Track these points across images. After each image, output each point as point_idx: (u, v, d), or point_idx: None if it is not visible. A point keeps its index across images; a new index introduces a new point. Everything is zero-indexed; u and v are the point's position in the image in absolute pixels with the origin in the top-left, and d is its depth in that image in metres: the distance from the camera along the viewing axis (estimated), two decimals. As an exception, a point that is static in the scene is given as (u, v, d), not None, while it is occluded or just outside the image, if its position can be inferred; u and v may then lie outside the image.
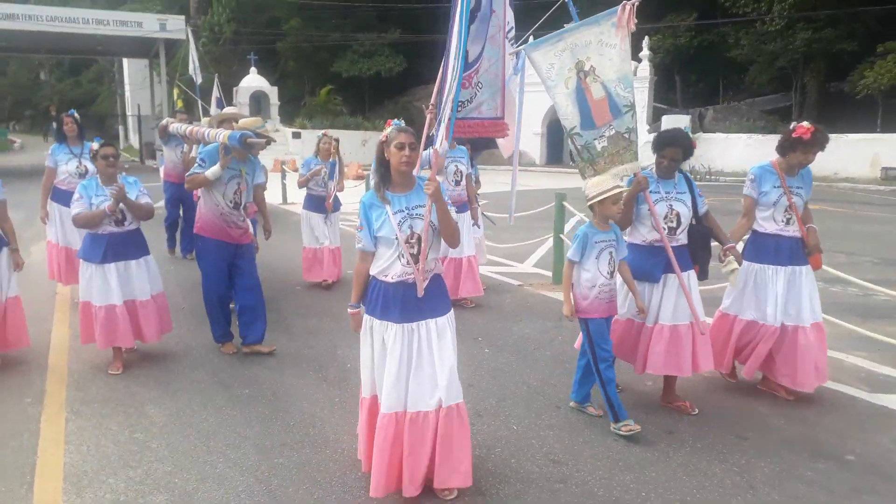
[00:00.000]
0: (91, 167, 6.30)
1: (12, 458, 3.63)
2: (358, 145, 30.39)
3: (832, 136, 20.28)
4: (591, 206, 3.94)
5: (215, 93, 19.45)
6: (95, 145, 4.85)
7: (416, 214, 3.09)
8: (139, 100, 38.49)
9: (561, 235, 7.73)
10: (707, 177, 24.30)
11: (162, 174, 9.26)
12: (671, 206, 4.15)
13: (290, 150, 28.65)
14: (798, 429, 4.00)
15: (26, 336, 5.11)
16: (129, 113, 45.53)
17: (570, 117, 4.07)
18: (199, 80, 18.30)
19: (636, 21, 3.89)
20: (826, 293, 6.65)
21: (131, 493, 3.27)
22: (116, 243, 4.83)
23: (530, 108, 33.09)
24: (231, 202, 5.03)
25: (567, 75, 4.02)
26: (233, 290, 5.36)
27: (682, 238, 4.20)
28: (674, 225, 4.15)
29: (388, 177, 3.12)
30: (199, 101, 19.14)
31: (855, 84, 25.22)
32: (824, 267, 4.75)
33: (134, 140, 40.53)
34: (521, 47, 4.44)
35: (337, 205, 7.72)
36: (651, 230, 4.16)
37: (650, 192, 4.14)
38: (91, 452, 3.69)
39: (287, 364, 5.11)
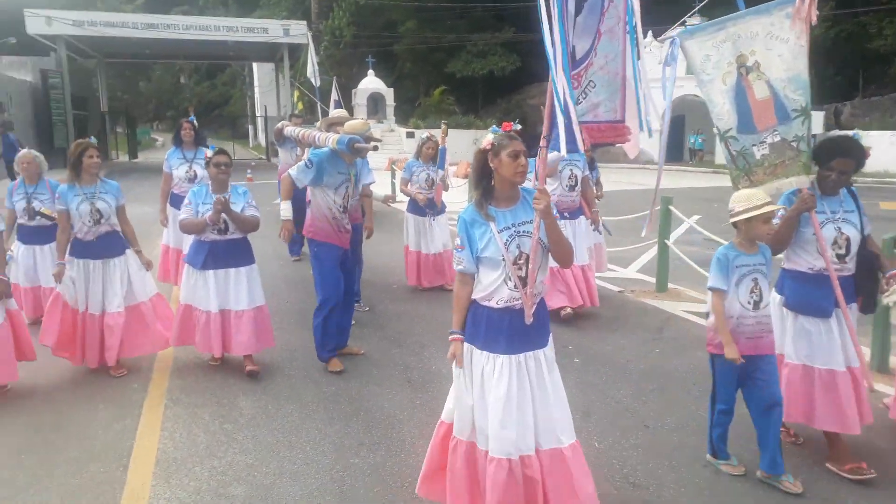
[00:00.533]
0: (201, 171, 6.57)
1: (113, 441, 3.89)
2: (469, 144, 30.54)
3: None
4: (735, 224, 3.39)
5: (333, 95, 20.20)
6: (209, 153, 4.87)
7: (524, 232, 2.77)
8: (267, 101, 40.63)
9: (666, 241, 7.38)
10: (841, 178, 22.45)
11: (278, 176, 9.32)
12: (839, 228, 3.51)
13: (403, 149, 29.22)
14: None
15: (162, 341, 5.09)
16: (258, 114, 48.13)
17: (725, 118, 3.58)
18: (317, 82, 19.00)
19: (818, 13, 3.33)
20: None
21: (213, 483, 3.41)
22: (218, 251, 4.81)
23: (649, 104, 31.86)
24: (341, 206, 4.93)
25: (726, 70, 3.54)
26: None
27: (850, 266, 3.56)
28: (843, 252, 3.52)
29: (491, 190, 2.80)
30: (319, 104, 19.95)
31: None
32: None
33: (262, 139, 42.75)
34: (673, 34, 3.85)
35: (441, 208, 7.44)
36: (818, 257, 3.51)
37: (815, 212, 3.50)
38: (183, 440, 3.90)
39: (374, 364, 5.18)
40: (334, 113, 6.07)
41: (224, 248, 4.83)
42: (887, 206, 15.37)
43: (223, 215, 4.69)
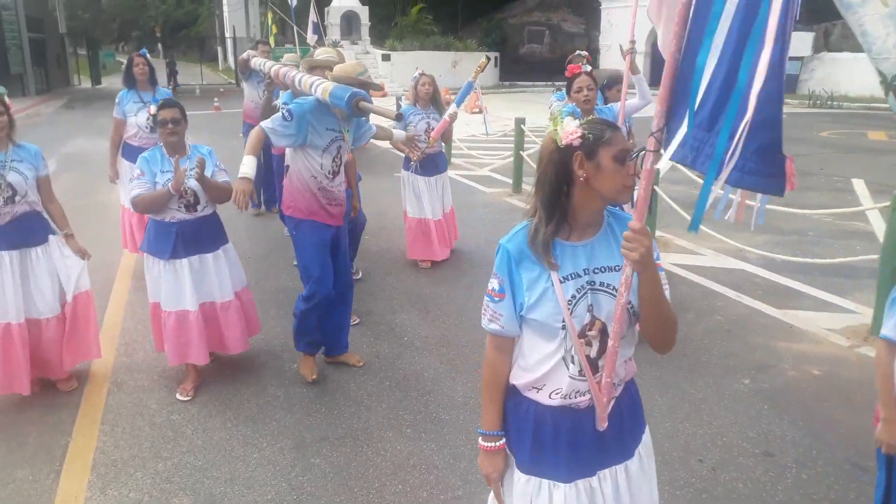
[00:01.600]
0: None
1: (47, 439, 3.49)
2: (448, 68, 29.42)
3: None
4: None
5: (312, 17, 18.46)
6: (153, 108, 3.80)
7: (603, 285, 1.71)
8: (236, 21, 38.75)
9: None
10: (828, 102, 22.00)
11: (242, 115, 8.17)
12: None
13: (379, 73, 28.09)
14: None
15: (97, 346, 4.12)
16: (227, 35, 46.05)
17: (891, 55, 2.51)
18: (293, 1, 17.42)
19: None
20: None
21: (156, 493, 3.05)
22: (188, 234, 3.78)
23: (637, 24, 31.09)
24: (330, 172, 3.86)
25: None
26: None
27: None
28: None
29: (566, 216, 1.70)
30: (294, 27, 18.42)
31: None
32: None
33: (232, 62, 41.02)
34: None
35: (443, 163, 6.26)
36: None
37: None
38: (125, 436, 3.51)
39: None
40: (321, 53, 4.76)
41: (196, 229, 3.81)
42: (875, 135, 14.99)
43: (192, 183, 3.68)
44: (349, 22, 30.52)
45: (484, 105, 6.04)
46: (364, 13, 30.66)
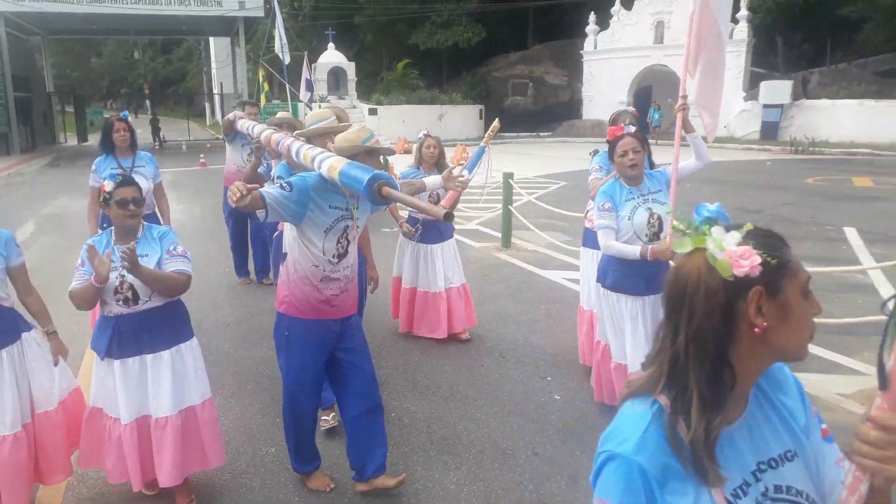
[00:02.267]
0: (145, 184, 5.03)
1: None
2: (434, 120, 29.68)
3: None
4: None
5: (305, 73, 17.93)
6: (108, 185, 3.14)
7: (788, 492, 1.18)
8: (224, 77, 39.17)
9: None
10: (810, 149, 22.23)
11: (224, 178, 7.45)
12: None
13: (366, 126, 28.26)
14: None
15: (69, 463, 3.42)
16: (214, 91, 46.51)
17: None
18: (286, 59, 16.61)
19: None
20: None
21: None
22: (125, 330, 3.10)
23: (616, 76, 31.48)
24: (335, 256, 3.17)
25: None
26: (332, 393, 3.62)
27: None
28: None
29: (727, 391, 1.13)
30: (287, 85, 18.08)
31: None
32: None
33: (220, 117, 41.34)
34: None
35: (448, 229, 5.57)
36: None
37: None
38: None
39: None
40: (322, 119, 4.03)
41: (135, 326, 3.11)
42: (861, 181, 15.05)
43: (125, 275, 3.02)
44: (336, 77, 30.90)
45: (487, 149, 5.36)
46: (351, 69, 31.07)
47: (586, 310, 4.76)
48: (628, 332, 3.69)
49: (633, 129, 3.82)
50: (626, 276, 3.69)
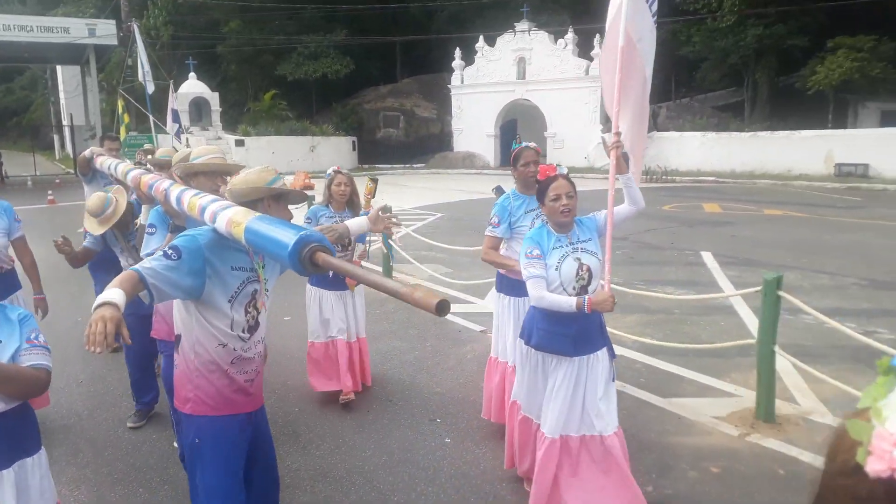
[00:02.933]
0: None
1: None
2: (305, 151, 29.21)
3: (784, 132, 20.27)
4: None
5: (171, 104, 16.13)
6: None
7: None
8: (74, 107, 36.52)
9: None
10: (664, 177, 23.89)
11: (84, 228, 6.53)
12: None
13: (234, 158, 27.29)
14: None
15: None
16: (63, 122, 43.27)
17: None
18: (150, 87, 15.22)
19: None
20: (823, 332, 5.97)
21: None
22: None
23: (483, 110, 32.44)
24: (245, 329, 2.55)
25: None
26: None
27: None
28: None
29: None
30: (151, 117, 16.87)
31: (806, 80, 25.19)
32: (814, 294, 3.79)
33: (70, 149, 38.42)
34: None
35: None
36: None
37: None
38: None
39: None
40: (206, 153, 3.41)
41: None
42: (710, 207, 16.28)
43: None
44: (199, 108, 29.71)
45: (368, 193, 4.65)
46: (214, 99, 29.99)
47: (501, 361, 4.29)
48: (547, 391, 3.32)
49: (565, 170, 3.37)
50: (553, 335, 3.24)
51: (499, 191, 4.53)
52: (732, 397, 4.85)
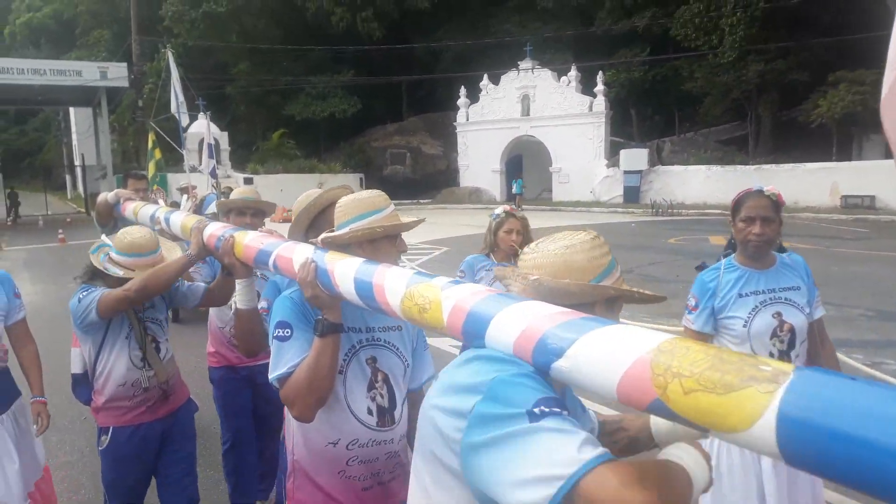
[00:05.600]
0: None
1: None
2: (314, 187, 29.46)
3: (789, 165, 20.18)
4: None
5: (207, 138, 14.17)
6: None
7: None
8: (86, 148, 37.15)
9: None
10: (669, 211, 23.97)
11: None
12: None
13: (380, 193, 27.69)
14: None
15: None
16: (76, 163, 44.00)
17: None
18: (185, 120, 14.31)
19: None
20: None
21: None
22: None
23: (489, 146, 32.64)
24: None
25: None
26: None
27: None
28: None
29: None
30: (184, 153, 15.92)
31: (809, 113, 25.39)
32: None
33: (82, 189, 38.96)
34: None
35: None
36: None
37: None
38: None
39: None
40: (237, 190, 3.33)
41: None
42: (717, 240, 16.29)
43: None
44: (208, 147, 30.11)
45: None
46: (224, 138, 30.46)
47: None
48: None
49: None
50: None
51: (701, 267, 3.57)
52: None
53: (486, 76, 30.73)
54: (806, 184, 23.36)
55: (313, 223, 2.27)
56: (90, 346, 2.86)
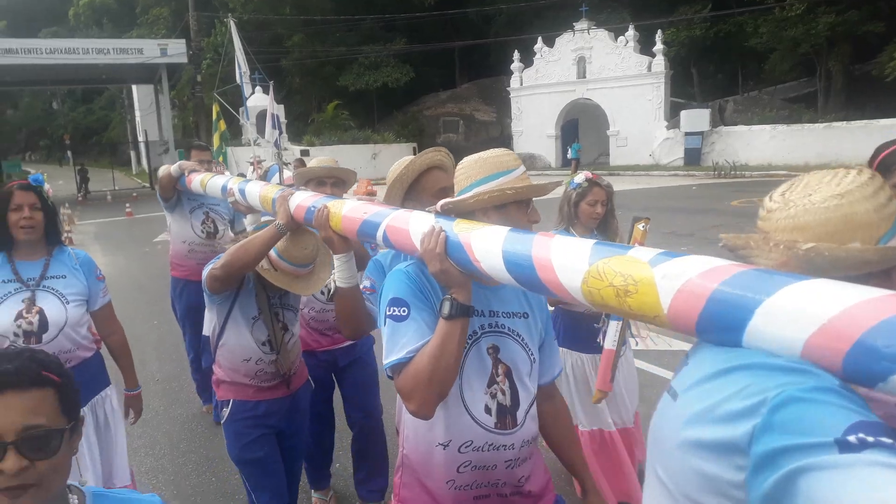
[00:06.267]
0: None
1: None
2: (368, 159, 29.70)
3: (861, 122, 19.24)
4: None
5: (271, 108, 13.14)
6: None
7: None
8: (149, 124, 38.29)
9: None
10: (732, 172, 23.19)
11: (170, 261, 4.90)
12: None
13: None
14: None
15: None
16: (139, 139, 45.39)
17: None
18: (248, 90, 13.93)
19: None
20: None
21: None
22: None
23: (543, 111, 32.03)
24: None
25: None
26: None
27: None
28: None
29: None
30: (248, 123, 16.01)
31: (883, 66, 23.99)
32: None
33: (146, 164, 40.24)
34: None
35: None
36: None
37: None
38: None
39: None
40: (316, 160, 3.26)
41: None
42: (738, 203, 15.70)
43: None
44: (265, 120, 30.59)
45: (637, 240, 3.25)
46: (280, 111, 30.82)
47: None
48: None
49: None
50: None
51: None
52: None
53: (540, 39, 30.09)
54: (880, 141, 21.74)
55: (409, 193, 2.09)
56: (215, 318, 2.74)
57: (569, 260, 1.24)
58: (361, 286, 2.13)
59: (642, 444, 3.27)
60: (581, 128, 31.29)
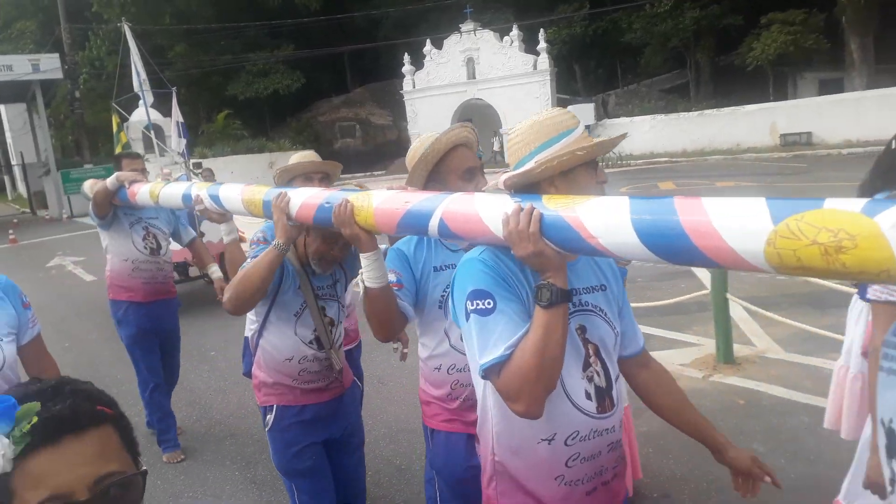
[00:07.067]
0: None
1: None
2: (264, 168, 29.23)
3: (729, 109, 20.98)
4: None
5: (175, 116, 13.98)
6: None
7: None
8: (23, 145, 35.91)
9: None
10: (619, 162, 24.56)
11: (108, 282, 4.39)
12: None
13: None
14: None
15: None
16: (13, 162, 42.45)
17: None
18: (149, 98, 13.42)
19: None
20: (774, 283, 6.43)
21: None
22: None
23: (438, 112, 31.99)
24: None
25: None
26: None
27: None
28: None
29: None
30: (151, 133, 15.38)
31: (744, 56, 26.11)
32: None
33: (22, 189, 37.72)
34: None
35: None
36: None
37: None
38: None
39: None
40: (296, 156, 2.88)
41: None
42: (665, 185, 16.90)
43: None
44: (151, 133, 29.44)
45: None
46: (167, 124, 29.73)
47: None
48: None
49: None
50: None
51: None
52: (695, 346, 5.27)
53: (428, 41, 30.61)
54: (746, 125, 24.14)
55: (433, 174, 1.97)
56: (254, 317, 2.58)
57: (740, 222, 1.11)
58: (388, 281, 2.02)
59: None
60: (476, 127, 31.95)
